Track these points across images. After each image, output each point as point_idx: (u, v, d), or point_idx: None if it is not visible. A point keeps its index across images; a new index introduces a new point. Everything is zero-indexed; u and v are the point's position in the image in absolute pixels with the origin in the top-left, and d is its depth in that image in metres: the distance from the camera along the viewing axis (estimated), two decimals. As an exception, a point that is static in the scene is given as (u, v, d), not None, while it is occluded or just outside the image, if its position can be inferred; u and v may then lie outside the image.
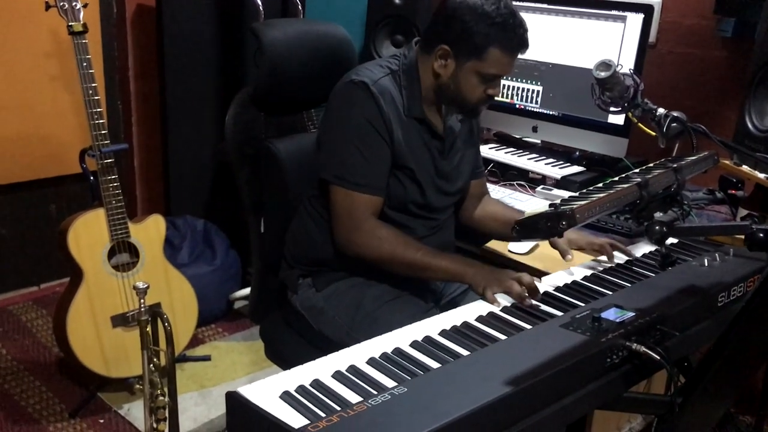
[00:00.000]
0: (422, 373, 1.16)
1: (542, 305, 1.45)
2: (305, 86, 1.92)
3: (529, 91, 2.60)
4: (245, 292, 3.09)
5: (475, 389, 1.06)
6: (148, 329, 1.84)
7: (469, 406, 1.02)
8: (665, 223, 1.36)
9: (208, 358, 2.81)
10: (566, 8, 2.46)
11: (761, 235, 1.19)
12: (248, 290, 2.86)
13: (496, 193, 2.25)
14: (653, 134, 1.83)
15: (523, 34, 1.66)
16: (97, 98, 2.31)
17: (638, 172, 1.47)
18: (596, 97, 1.86)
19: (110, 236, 2.37)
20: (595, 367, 1.19)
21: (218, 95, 3.21)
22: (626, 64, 2.11)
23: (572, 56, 2.46)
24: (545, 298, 1.48)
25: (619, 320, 1.27)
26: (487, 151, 2.57)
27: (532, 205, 2.20)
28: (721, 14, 2.42)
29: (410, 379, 1.14)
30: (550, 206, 1.22)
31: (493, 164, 2.52)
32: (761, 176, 1.95)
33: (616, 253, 1.74)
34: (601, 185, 1.37)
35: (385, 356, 1.22)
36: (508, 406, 1.06)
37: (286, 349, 1.89)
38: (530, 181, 2.47)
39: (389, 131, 1.68)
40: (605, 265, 1.69)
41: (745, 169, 2.00)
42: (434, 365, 1.20)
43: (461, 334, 1.32)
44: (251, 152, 1.90)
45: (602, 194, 1.29)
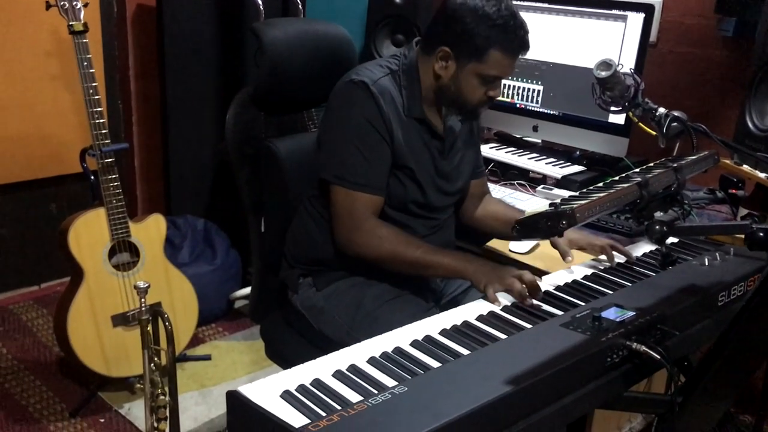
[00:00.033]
0: (423, 372, 1.16)
1: (543, 304, 1.45)
2: (305, 86, 1.92)
3: (529, 90, 2.60)
4: (245, 291, 3.09)
5: (475, 388, 1.06)
6: (149, 328, 1.84)
7: (469, 405, 1.02)
8: (665, 222, 1.36)
9: (208, 357, 2.81)
10: (567, 8, 2.46)
11: (761, 234, 1.19)
12: (248, 290, 2.86)
13: (496, 192, 2.25)
14: (654, 134, 1.83)
15: (523, 35, 1.66)
16: (97, 98, 2.31)
17: (639, 171, 1.47)
18: (597, 96, 1.87)
19: (111, 236, 2.38)
20: (595, 366, 1.19)
21: (218, 95, 3.20)
22: (627, 63, 2.12)
23: (573, 56, 2.46)
24: (546, 297, 1.48)
25: (619, 320, 1.27)
26: (487, 150, 2.57)
27: (532, 204, 2.20)
28: (721, 14, 2.42)
29: (411, 378, 1.14)
30: (550, 206, 1.22)
31: (493, 164, 2.52)
32: (762, 176, 1.95)
33: (616, 254, 1.74)
34: (601, 185, 1.37)
35: (385, 355, 1.22)
36: (508, 405, 1.06)
37: (286, 348, 1.89)
38: (531, 180, 2.47)
39: (389, 131, 1.68)
40: (605, 264, 1.70)
41: (745, 168, 2.00)
42: (435, 364, 1.20)
43: (462, 333, 1.32)
44: (251, 152, 1.90)
45: (602, 194, 1.29)
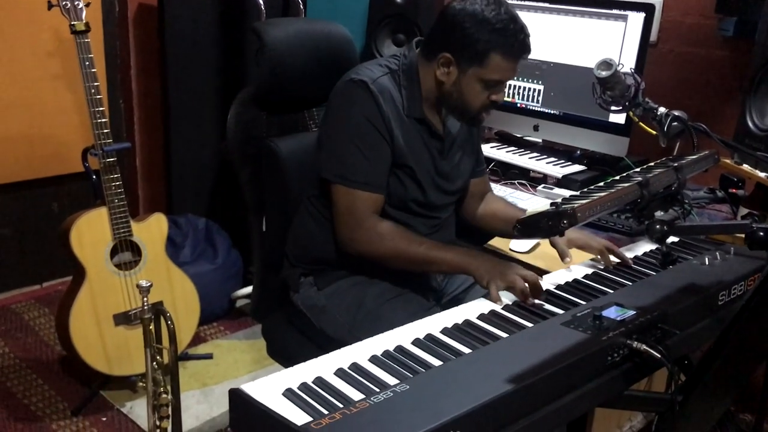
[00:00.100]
0: (424, 370, 1.17)
1: (544, 303, 1.45)
2: (306, 85, 1.92)
3: (530, 90, 2.60)
4: (247, 290, 3.09)
5: (476, 387, 1.07)
6: (151, 327, 1.85)
7: (470, 403, 1.02)
8: (666, 221, 1.36)
9: (210, 356, 2.82)
10: (568, 7, 2.47)
11: (761, 233, 1.20)
12: (250, 289, 2.87)
13: (497, 192, 2.25)
14: (654, 133, 1.83)
15: (524, 39, 1.65)
16: (99, 97, 2.32)
17: (639, 171, 1.47)
18: (597, 96, 1.87)
19: (112, 235, 2.38)
20: (596, 365, 1.19)
21: (220, 94, 3.21)
22: (627, 63, 2.12)
23: (573, 55, 2.46)
24: (546, 296, 1.48)
25: (620, 318, 1.28)
26: (488, 150, 2.57)
27: (533, 204, 2.21)
28: (722, 13, 2.43)
29: (412, 376, 1.14)
30: (551, 205, 1.22)
31: (494, 163, 2.52)
32: (762, 175, 1.96)
33: (612, 258, 1.73)
34: (602, 184, 1.37)
35: (387, 354, 1.23)
36: (509, 403, 1.06)
37: (287, 347, 1.89)
38: (531, 180, 2.47)
39: (389, 130, 1.69)
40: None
41: (745, 168, 2.00)
42: (436, 363, 1.20)
43: (463, 331, 1.32)
44: (253, 151, 1.90)
45: (603, 193, 1.29)
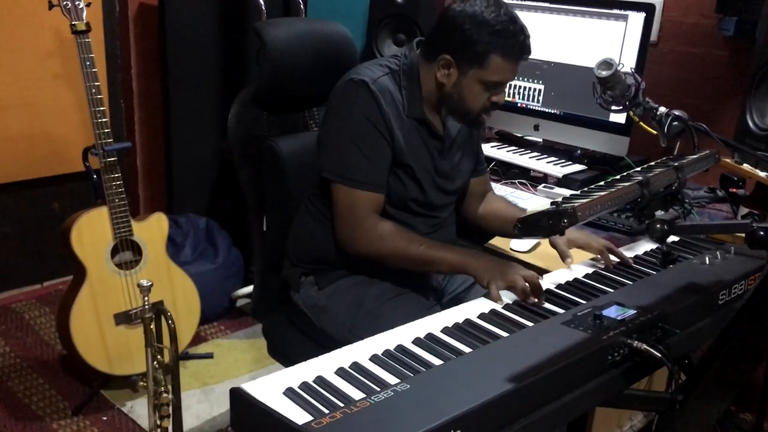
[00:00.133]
0: (425, 369, 1.17)
1: (544, 302, 1.45)
2: (307, 85, 1.92)
3: (530, 89, 2.60)
4: (247, 290, 3.10)
5: (477, 386, 1.07)
6: (152, 326, 1.85)
7: (471, 402, 1.02)
8: (666, 221, 1.36)
9: (210, 355, 2.82)
10: (568, 7, 2.47)
11: (762, 233, 1.20)
12: (250, 288, 2.87)
13: (497, 191, 2.25)
14: (654, 133, 1.84)
15: (524, 40, 1.65)
16: (100, 97, 2.32)
17: (639, 170, 1.47)
18: (598, 95, 1.87)
19: (113, 234, 2.38)
20: (596, 364, 1.19)
21: (220, 94, 3.21)
22: (627, 62, 2.12)
23: (574, 55, 2.47)
24: (547, 295, 1.48)
25: (620, 318, 1.28)
26: (488, 149, 2.57)
27: (533, 203, 2.21)
28: (722, 13, 2.43)
29: (413, 375, 1.14)
30: (551, 204, 1.22)
31: (494, 163, 2.52)
32: (762, 174, 1.96)
33: (612, 256, 1.73)
34: (602, 183, 1.38)
35: (387, 353, 1.23)
36: (510, 402, 1.06)
37: (288, 346, 1.89)
38: (532, 179, 2.47)
39: (389, 129, 1.69)
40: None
41: (746, 167, 2.00)
42: (437, 362, 1.20)
43: (463, 331, 1.32)
44: (253, 151, 1.90)
45: (603, 192, 1.29)
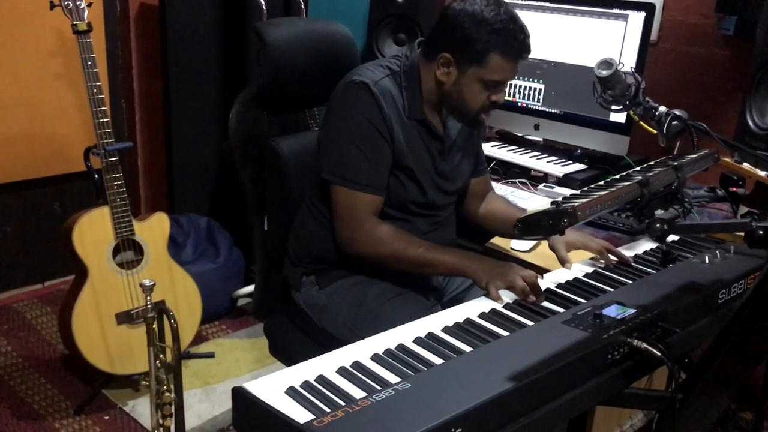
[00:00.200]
0: (426, 369, 1.17)
1: (544, 302, 1.46)
2: (308, 85, 1.93)
3: (531, 89, 2.60)
4: (249, 289, 3.10)
5: (478, 385, 1.07)
6: (154, 326, 1.85)
7: (471, 401, 1.02)
8: (666, 220, 1.37)
9: (211, 355, 2.82)
10: (568, 6, 2.47)
11: (761, 232, 1.20)
12: (251, 288, 2.87)
13: (498, 191, 2.25)
14: (654, 132, 1.84)
15: (524, 39, 1.65)
16: (101, 97, 2.33)
17: (639, 170, 1.48)
18: (598, 95, 1.87)
19: (115, 234, 2.39)
20: (596, 363, 1.20)
21: (221, 94, 3.21)
22: (628, 62, 2.13)
23: (574, 54, 2.47)
24: (547, 294, 1.49)
25: (620, 317, 1.28)
26: (489, 149, 2.57)
27: (534, 203, 2.21)
28: (722, 12, 2.43)
29: (414, 374, 1.15)
30: (552, 204, 1.23)
31: (495, 162, 2.53)
32: (762, 174, 1.96)
33: (612, 256, 1.73)
34: (602, 183, 1.38)
35: (388, 352, 1.23)
36: (510, 401, 1.07)
37: (289, 346, 1.90)
38: (532, 179, 2.48)
39: (390, 131, 1.69)
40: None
41: (745, 166, 2.01)
42: (437, 361, 1.20)
43: (464, 330, 1.33)
44: (254, 151, 1.91)
45: (604, 192, 1.30)
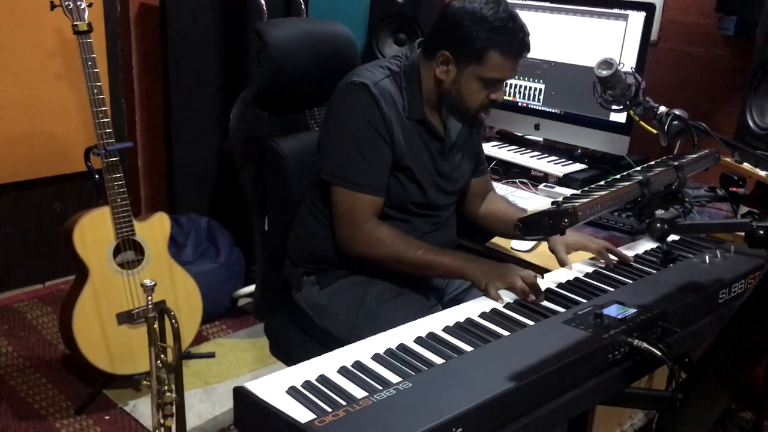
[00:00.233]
0: (426, 368, 1.17)
1: (545, 302, 1.46)
2: (308, 85, 1.93)
3: (531, 89, 2.61)
4: (249, 289, 3.10)
5: (478, 385, 1.07)
6: (155, 326, 1.86)
7: (472, 401, 1.03)
8: (667, 220, 1.37)
9: (212, 355, 2.82)
10: (568, 6, 2.47)
11: (762, 232, 1.20)
12: (252, 288, 2.88)
13: (498, 190, 2.25)
14: (655, 132, 1.84)
15: (523, 37, 1.65)
16: (101, 97, 2.33)
17: (640, 169, 1.48)
18: (598, 95, 1.87)
19: (115, 234, 2.39)
20: (597, 363, 1.20)
21: (222, 94, 3.21)
22: (628, 62, 2.13)
23: (574, 54, 2.47)
24: (548, 294, 1.49)
25: (620, 317, 1.28)
26: (489, 149, 2.57)
27: (534, 202, 2.21)
28: (722, 12, 2.43)
29: (414, 374, 1.15)
30: (552, 204, 1.23)
31: (495, 162, 2.53)
32: (762, 173, 1.97)
33: (612, 256, 1.73)
34: (602, 183, 1.38)
35: (389, 352, 1.24)
36: (511, 401, 1.07)
37: (290, 346, 1.90)
38: (532, 178, 2.48)
39: (390, 132, 1.69)
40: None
41: (746, 166, 2.01)
42: (438, 361, 1.21)
43: (464, 330, 1.33)
44: (254, 151, 1.91)
45: (604, 192, 1.30)
